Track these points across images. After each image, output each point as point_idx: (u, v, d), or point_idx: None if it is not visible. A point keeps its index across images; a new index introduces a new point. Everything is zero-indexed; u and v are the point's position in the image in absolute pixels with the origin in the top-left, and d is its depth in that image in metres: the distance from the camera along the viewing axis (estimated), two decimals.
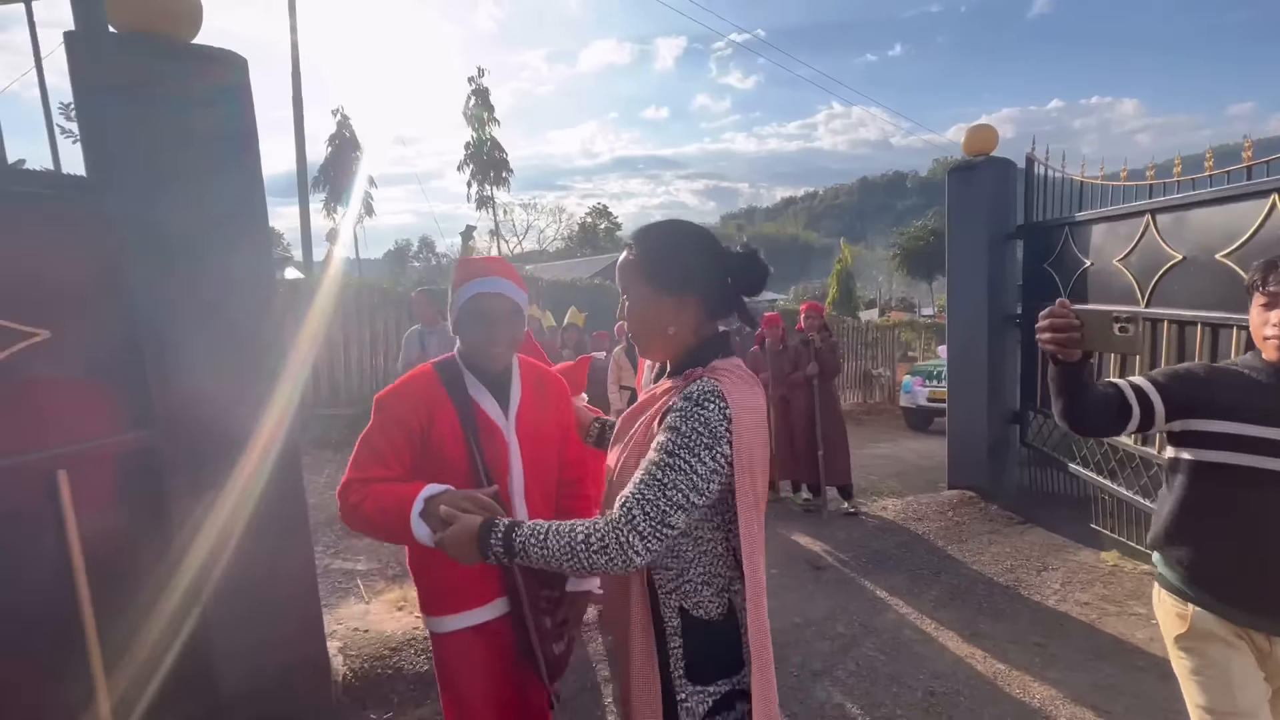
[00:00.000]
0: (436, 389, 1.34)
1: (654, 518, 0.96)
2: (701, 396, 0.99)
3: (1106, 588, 3.51)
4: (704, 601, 1.07)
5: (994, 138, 5.04)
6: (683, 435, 0.97)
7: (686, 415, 0.98)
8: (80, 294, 1.61)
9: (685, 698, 1.08)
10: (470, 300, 1.32)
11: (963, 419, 5.20)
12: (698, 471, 0.96)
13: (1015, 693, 2.52)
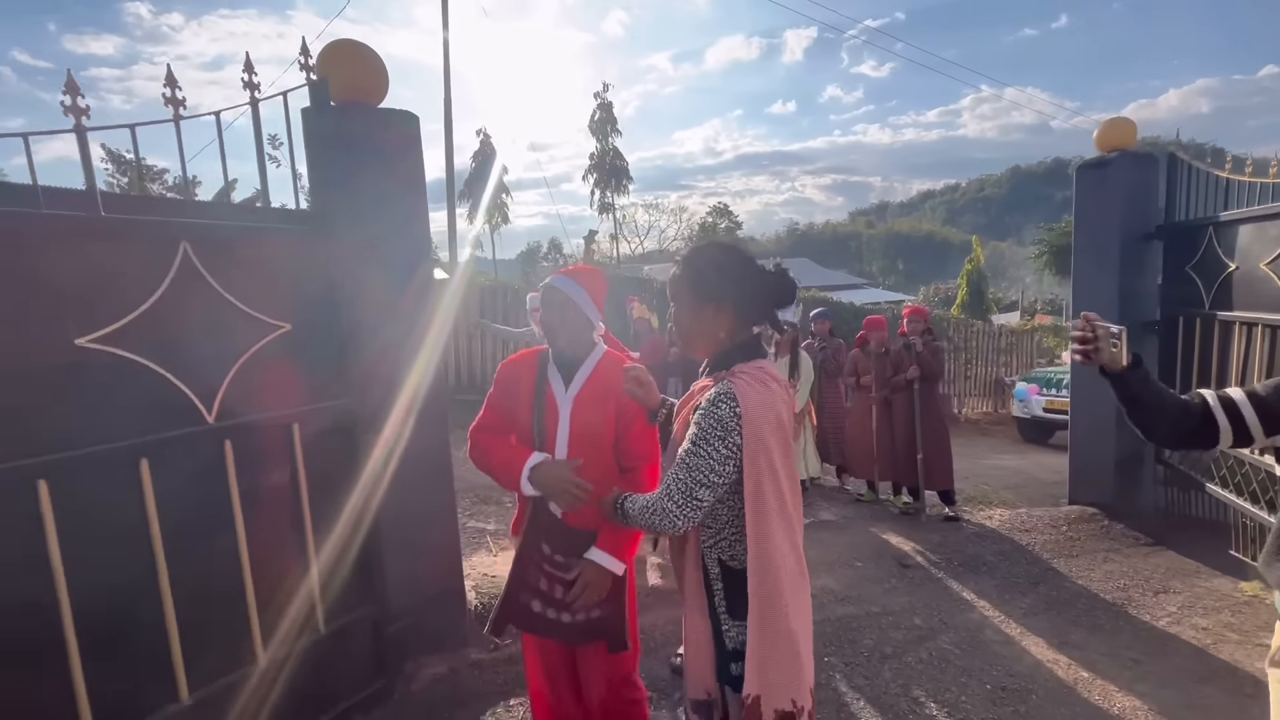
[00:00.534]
0: (530, 366, 1.78)
1: (683, 493, 1.29)
2: (717, 398, 1.30)
3: (1235, 616, 3.27)
4: (738, 555, 1.38)
5: (1132, 132, 4.71)
6: (702, 430, 1.30)
7: (705, 414, 1.31)
8: (308, 298, 2.23)
9: (728, 629, 1.40)
10: (542, 291, 1.75)
11: (1088, 431, 4.91)
12: (714, 457, 1.28)
13: (1094, 699, 2.52)
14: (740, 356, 1.39)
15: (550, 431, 1.71)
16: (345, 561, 2.31)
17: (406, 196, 2.54)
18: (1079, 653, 2.87)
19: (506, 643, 2.80)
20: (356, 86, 2.42)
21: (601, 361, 1.75)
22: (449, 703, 2.50)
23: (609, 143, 14.35)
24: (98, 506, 1.70)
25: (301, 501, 2.17)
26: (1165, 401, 1.40)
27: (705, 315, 1.40)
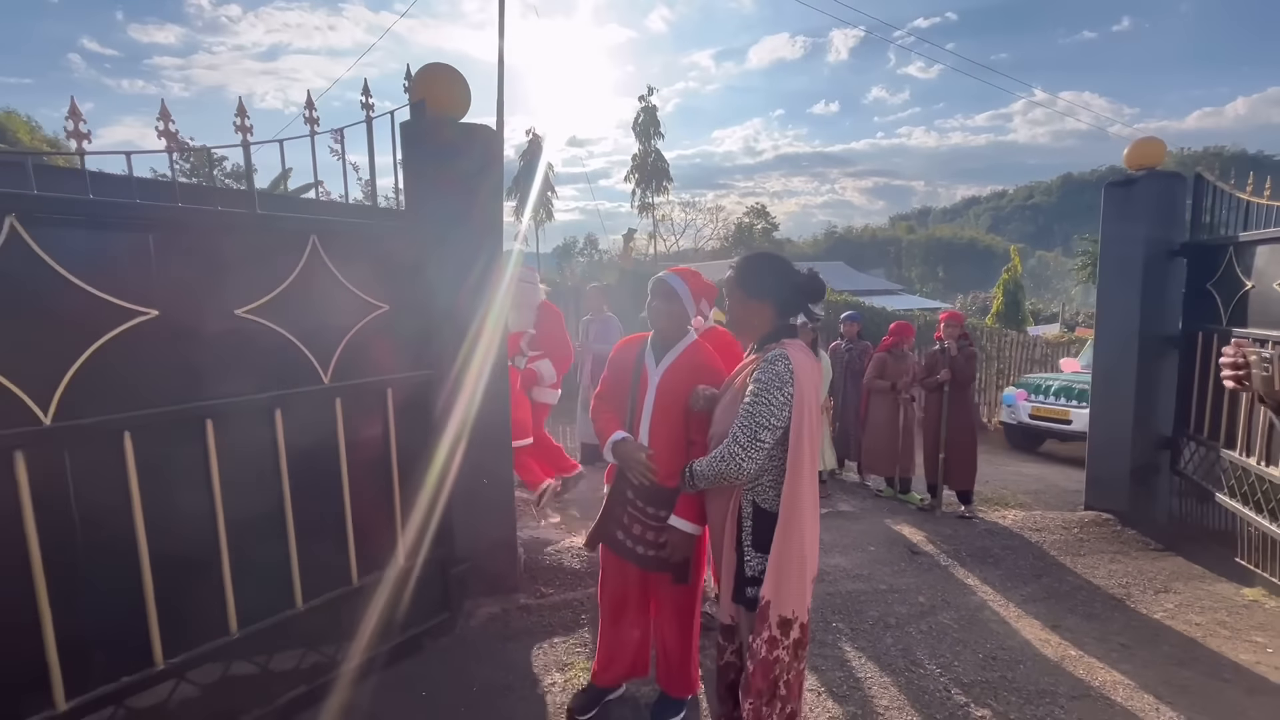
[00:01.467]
0: (636, 346, 2.21)
1: (749, 436, 1.65)
2: (774, 358, 1.69)
3: (1230, 615, 3.46)
4: (769, 498, 1.74)
5: (1161, 151, 4.86)
6: (762, 383, 1.67)
7: (765, 370, 1.68)
8: (400, 283, 2.64)
9: (750, 559, 1.76)
10: (650, 287, 2.14)
11: (1105, 439, 5.08)
12: (774, 402, 1.65)
13: (1078, 673, 2.78)
14: (782, 337, 1.77)
15: (640, 399, 2.10)
16: (422, 508, 2.72)
17: (485, 200, 2.93)
18: (1070, 635, 3.12)
19: (550, 592, 3.19)
20: (446, 103, 2.82)
21: (689, 347, 2.12)
22: (501, 638, 2.90)
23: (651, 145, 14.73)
24: (244, 444, 2.13)
25: (390, 453, 2.59)
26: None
27: (751, 308, 1.79)
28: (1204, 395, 4.46)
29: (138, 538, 1.88)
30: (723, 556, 1.82)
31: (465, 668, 2.66)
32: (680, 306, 2.10)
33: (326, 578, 2.40)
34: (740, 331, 1.89)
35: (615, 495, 2.13)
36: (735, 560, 1.78)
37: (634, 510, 2.10)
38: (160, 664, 1.95)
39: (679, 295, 2.09)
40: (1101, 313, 5.17)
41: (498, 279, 2.95)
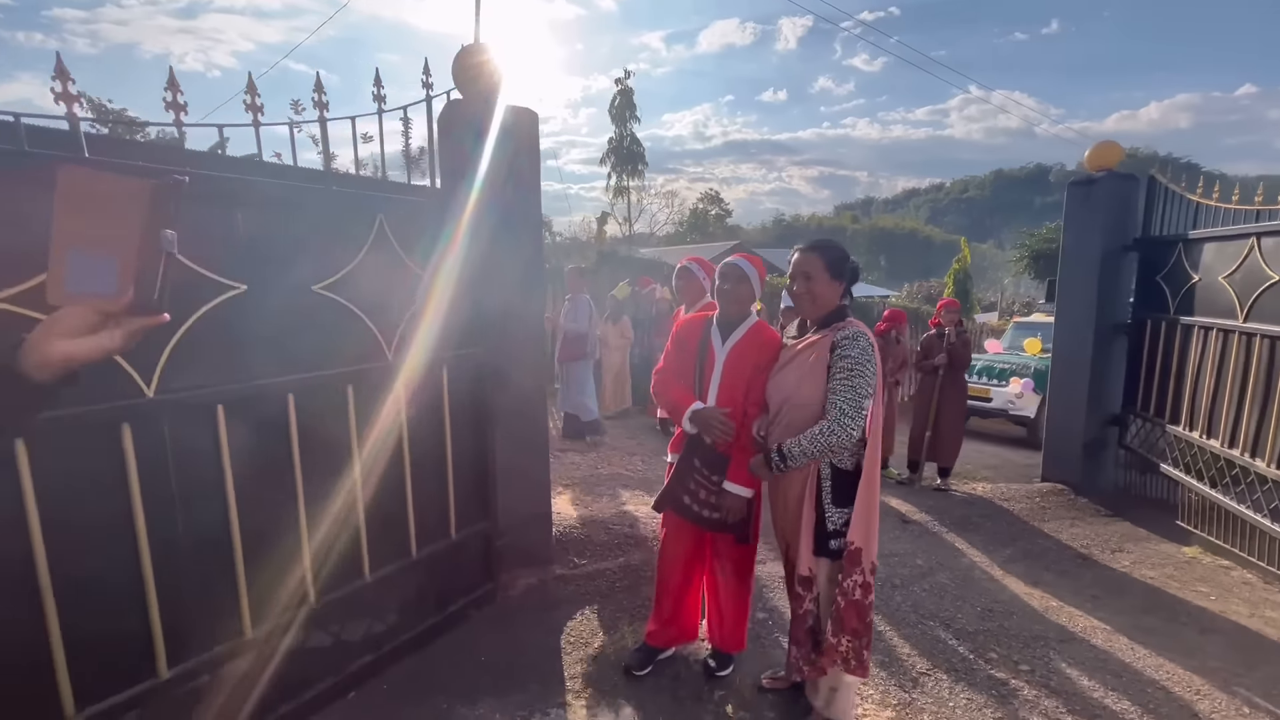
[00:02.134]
0: (699, 325, 2.35)
1: (854, 406, 1.85)
2: (856, 335, 1.89)
3: (1177, 570, 3.92)
4: (844, 459, 1.93)
5: (1118, 154, 5.31)
6: (855, 359, 1.88)
7: (852, 347, 1.89)
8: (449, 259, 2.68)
9: (830, 514, 1.95)
10: (719, 271, 2.26)
11: (1061, 417, 5.56)
12: (869, 374, 1.86)
13: (1061, 621, 3.14)
14: (846, 315, 1.96)
15: (708, 374, 2.24)
16: (470, 481, 2.80)
17: (525, 180, 2.99)
18: (1050, 589, 3.49)
19: (583, 563, 3.32)
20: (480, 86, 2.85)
21: (752, 327, 2.29)
22: (542, 606, 3.02)
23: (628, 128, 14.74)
24: (319, 420, 2.16)
25: (445, 429, 2.65)
26: None
27: (832, 288, 1.99)
28: (1150, 377, 4.96)
29: (229, 511, 1.91)
30: (802, 515, 2.01)
31: (515, 634, 2.77)
32: (750, 289, 2.27)
33: (389, 550, 2.45)
34: (812, 307, 2.06)
35: (684, 463, 2.28)
36: (815, 517, 1.97)
37: (700, 477, 2.25)
38: (249, 634, 1.99)
39: (750, 279, 2.25)
40: (1062, 302, 5.62)
41: (538, 258, 3.02)
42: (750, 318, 2.32)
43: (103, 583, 1.67)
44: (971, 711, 2.39)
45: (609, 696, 2.38)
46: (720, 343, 2.29)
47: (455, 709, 2.27)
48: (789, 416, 2.08)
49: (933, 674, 2.62)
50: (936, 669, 2.66)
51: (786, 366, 2.11)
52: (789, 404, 2.06)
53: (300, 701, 2.14)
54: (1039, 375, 7.89)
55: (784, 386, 2.09)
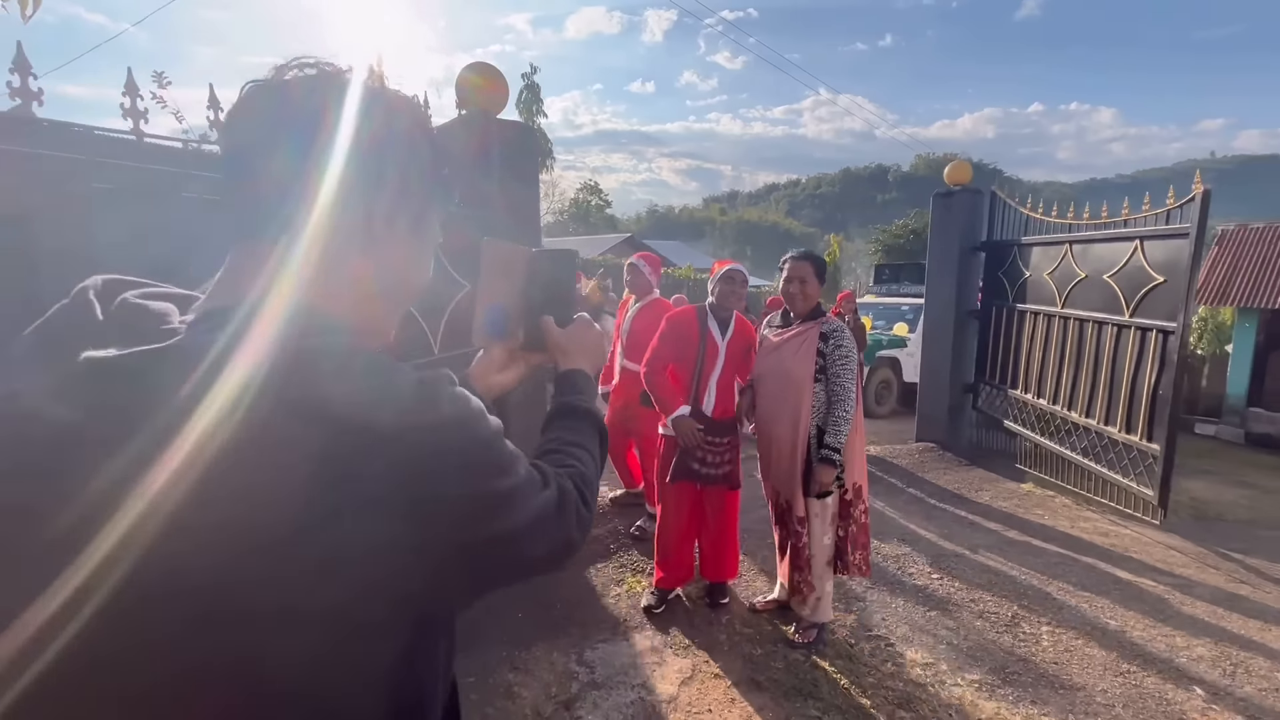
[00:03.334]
0: (691, 318, 2.80)
1: (854, 382, 2.46)
2: (841, 327, 2.49)
3: (1020, 500, 5.10)
4: (825, 421, 2.54)
5: (969, 172, 6.53)
6: (846, 348, 2.49)
7: (844, 338, 2.48)
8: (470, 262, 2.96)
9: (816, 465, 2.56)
10: (726, 274, 2.76)
11: (930, 387, 6.77)
12: (855, 357, 2.47)
13: (953, 542, 4.06)
14: (823, 310, 2.58)
15: (709, 363, 2.73)
16: None
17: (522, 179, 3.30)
18: (939, 521, 4.45)
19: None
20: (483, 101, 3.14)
21: (738, 317, 2.82)
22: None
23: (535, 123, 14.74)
24: None
25: None
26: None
27: (817, 289, 2.56)
28: (995, 352, 6.23)
29: None
30: (795, 467, 2.60)
31: (537, 593, 3.14)
32: (745, 289, 2.81)
33: None
34: (804, 304, 2.65)
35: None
36: (806, 468, 2.57)
37: (706, 443, 2.78)
38: None
39: (747, 281, 2.80)
40: (929, 292, 6.81)
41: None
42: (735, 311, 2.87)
43: None
44: (910, 608, 3.16)
45: (640, 629, 2.85)
46: (719, 335, 2.81)
47: (515, 654, 2.62)
48: (776, 388, 2.67)
49: (876, 586, 3.37)
50: (877, 583, 3.41)
51: (780, 349, 2.69)
52: (779, 378, 2.65)
53: None
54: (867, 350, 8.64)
55: (776, 364, 2.66)
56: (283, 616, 0.44)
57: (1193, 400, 10.15)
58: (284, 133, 0.52)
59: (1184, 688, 2.57)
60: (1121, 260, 4.48)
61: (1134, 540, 4.25)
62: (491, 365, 0.88)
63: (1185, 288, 3.88)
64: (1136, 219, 4.40)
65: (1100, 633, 2.98)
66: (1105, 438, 4.66)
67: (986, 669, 2.65)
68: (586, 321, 0.87)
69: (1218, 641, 2.94)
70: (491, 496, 0.53)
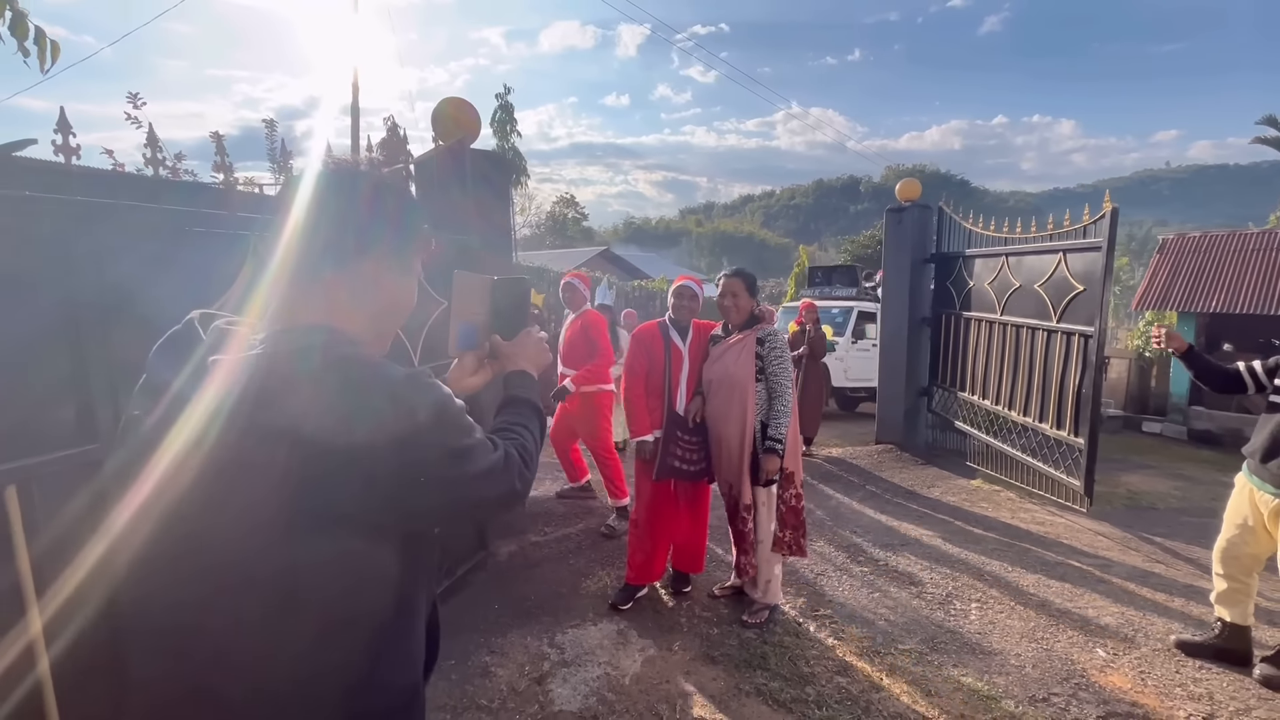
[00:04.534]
0: (655, 331, 3.11)
1: (789, 379, 2.77)
2: (775, 331, 2.82)
3: (968, 495, 5.46)
4: (767, 416, 2.84)
5: (918, 189, 6.97)
6: (781, 349, 2.80)
7: (778, 338, 2.80)
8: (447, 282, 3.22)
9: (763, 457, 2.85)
10: (676, 289, 3.06)
11: (887, 391, 7.15)
12: (789, 357, 2.79)
13: (902, 533, 4.39)
14: (759, 319, 2.89)
15: (676, 368, 3.04)
16: None
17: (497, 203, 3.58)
18: (892, 515, 4.78)
19: (550, 530, 3.98)
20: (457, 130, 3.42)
21: (695, 324, 3.13)
22: (527, 566, 3.64)
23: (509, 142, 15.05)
24: None
25: None
26: (1214, 369, 2.90)
27: (750, 301, 2.88)
28: (945, 357, 6.63)
29: None
30: (743, 461, 2.90)
31: (513, 586, 3.38)
32: (697, 303, 3.12)
33: None
34: (737, 315, 2.98)
35: (669, 435, 3.07)
36: (753, 460, 2.87)
37: (683, 443, 3.07)
38: None
39: (699, 295, 3.11)
40: (885, 301, 7.21)
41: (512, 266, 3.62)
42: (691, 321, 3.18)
43: None
44: (855, 591, 3.46)
45: (606, 617, 3.11)
46: (681, 343, 3.12)
47: (491, 639, 2.86)
48: (723, 391, 2.97)
49: (826, 573, 3.67)
50: (828, 570, 3.72)
51: (724, 356, 2.99)
52: (724, 382, 2.96)
53: None
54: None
55: (722, 370, 2.96)
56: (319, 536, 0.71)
57: (1143, 399, 10.76)
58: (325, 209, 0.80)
59: (1088, 650, 2.90)
60: (1049, 271, 4.90)
61: (1067, 528, 4.62)
62: (464, 371, 1.11)
63: (1100, 295, 4.29)
64: (1059, 233, 4.82)
65: (1022, 607, 3.32)
66: (1040, 434, 5.06)
67: (918, 640, 2.96)
68: (528, 332, 1.14)
69: (1125, 610, 3.29)
70: (460, 449, 0.79)
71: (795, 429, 3.05)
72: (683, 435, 3.10)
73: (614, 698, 2.48)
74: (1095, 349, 4.36)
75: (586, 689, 2.53)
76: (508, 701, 2.44)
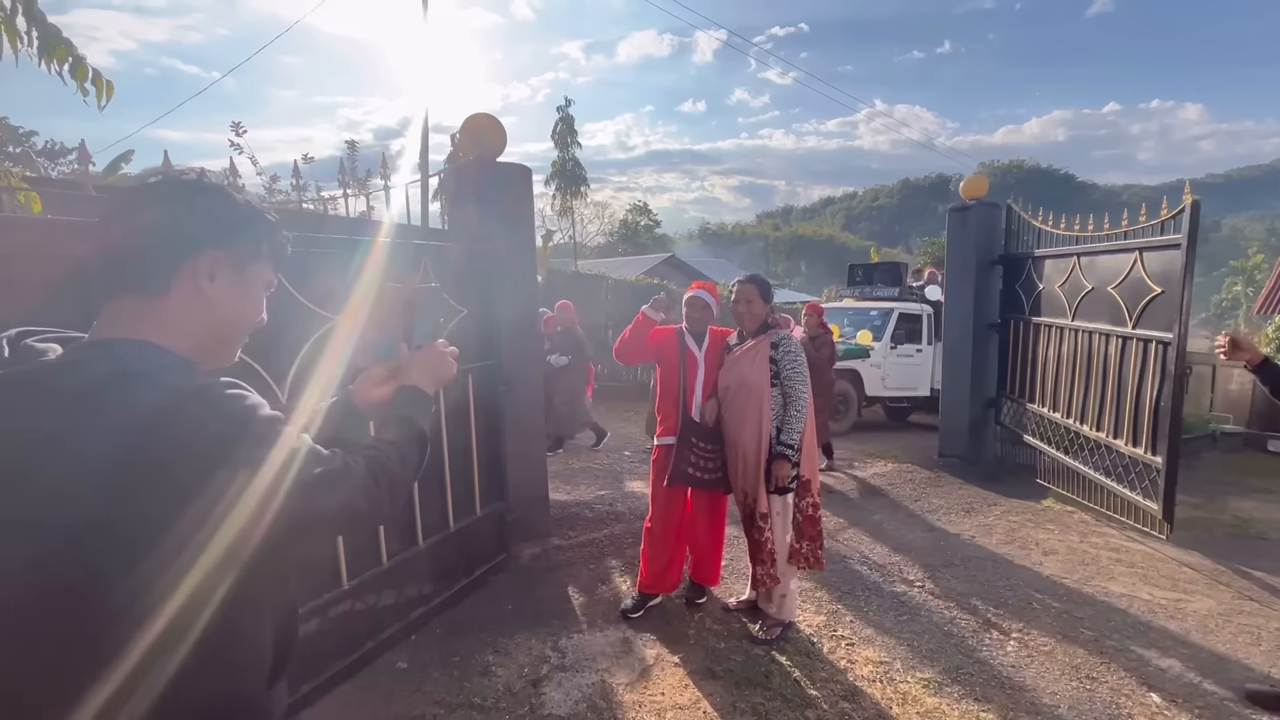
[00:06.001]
0: (672, 336, 3.11)
1: (805, 384, 2.72)
2: (788, 338, 2.73)
3: (1033, 516, 5.03)
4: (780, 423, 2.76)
5: (985, 185, 6.53)
6: (794, 355, 2.73)
7: (790, 347, 2.73)
8: (471, 292, 3.33)
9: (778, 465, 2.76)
10: (688, 300, 3.04)
11: (951, 402, 6.72)
12: (803, 361, 2.72)
13: (946, 553, 4.11)
14: (771, 325, 2.81)
15: (691, 374, 3.04)
16: (488, 466, 3.44)
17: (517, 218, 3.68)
18: (938, 534, 4.49)
19: (575, 535, 4.02)
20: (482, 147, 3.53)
21: (712, 331, 3.12)
22: (547, 569, 3.69)
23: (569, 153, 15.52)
24: None
25: (470, 425, 3.30)
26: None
27: (764, 308, 2.81)
28: (1015, 366, 6.16)
29: None
30: (760, 467, 2.82)
31: (529, 589, 3.44)
32: (712, 313, 3.09)
33: (434, 522, 3.07)
34: (751, 322, 2.92)
35: (683, 441, 3.04)
36: (764, 467, 2.79)
37: (698, 450, 3.03)
38: (345, 585, 2.58)
39: (711, 305, 3.07)
40: (948, 306, 6.80)
41: (534, 284, 3.71)
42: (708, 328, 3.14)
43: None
44: (881, 613, 3.27)
45: (615, 624, 3.10)
46: (697, 349, 3.10)
47: (498, 640, 2.92)
48: (739, 398, 2.91)
49: (853, 592, 3.50)
50: (855, 589, 3.54)
51: (739, 362, 2.93)
52: (740, 388, 2.90)
53: (379, 640, 2.73)
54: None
55: (737, 375, 2.90)
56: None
57: (1271, 415, 9.52)
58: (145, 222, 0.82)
59: (1139, 696, 2.60)
60: (1123, 272, 4.45)
61: (1145, 557, 4.17)
62: (369, 382, 1.10)
63: (1180, 298, 3.85)
64: (1135, 230, 4.37)
65: (1070, 642, 3.02)
66: (1114, 451, 4.59)
67: (940, 669, 2.76)
68: (433, 345, 1.15)
69: (1194, 652, 2.93)
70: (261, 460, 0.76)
71: (812, 436, 2.95)
72: (698, 442, 3.06)
73: (604, 705, 2.47)
74: (1175, 357, 3.92)
75: (579, 695, 2.53)
76: (500, 701, 2.48)
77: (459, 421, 3.22)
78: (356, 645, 2.63)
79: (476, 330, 3.31)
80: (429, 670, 2.68)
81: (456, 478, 3.20)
